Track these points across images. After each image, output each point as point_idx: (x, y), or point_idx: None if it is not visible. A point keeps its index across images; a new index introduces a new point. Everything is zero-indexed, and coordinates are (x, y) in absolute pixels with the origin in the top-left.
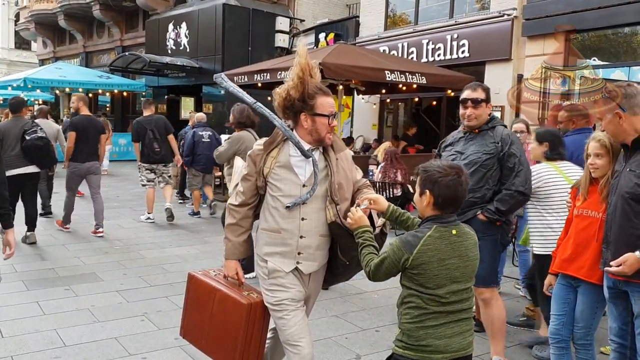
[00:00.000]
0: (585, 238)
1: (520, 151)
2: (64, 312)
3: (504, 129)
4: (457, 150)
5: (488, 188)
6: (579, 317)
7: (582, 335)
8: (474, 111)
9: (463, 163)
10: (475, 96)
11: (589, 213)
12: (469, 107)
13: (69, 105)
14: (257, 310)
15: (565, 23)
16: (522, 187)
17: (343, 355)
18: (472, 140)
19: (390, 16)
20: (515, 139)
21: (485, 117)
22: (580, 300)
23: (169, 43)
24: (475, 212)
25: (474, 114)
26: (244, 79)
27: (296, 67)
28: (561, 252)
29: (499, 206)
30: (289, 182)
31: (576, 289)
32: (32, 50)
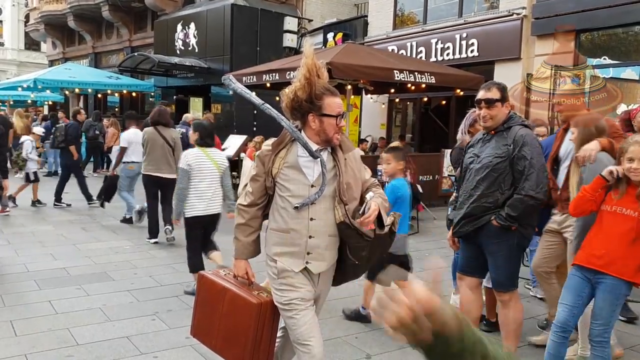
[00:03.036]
0: (619, 235)
1: (532, 153)
2: (76, 312)
3: (520, 129)
4: (475, 153)
5: (500, 192)
6: (597, 314)
7: (601, 332)
8: (488, 112)
9: (477, 167)
10: (489, 96)
11: (625, 211)
12: (483, 108)
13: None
14: (267, 309)
15: (574, 22)
16: (532, 191)
17: (353, 354)
18: (488, 142)
19: (398, 15)
20: (530, 140)
21: (501, 117)
22: (601, 297)
23: (177, 43)
24: (489, 217)
25: (489, 115)
26: (252, 79)
27: (303, 67)
28: (589, 246)
29: (510, 212)
30: (297, 182)
31: (593, 284)
32: (41, 51)
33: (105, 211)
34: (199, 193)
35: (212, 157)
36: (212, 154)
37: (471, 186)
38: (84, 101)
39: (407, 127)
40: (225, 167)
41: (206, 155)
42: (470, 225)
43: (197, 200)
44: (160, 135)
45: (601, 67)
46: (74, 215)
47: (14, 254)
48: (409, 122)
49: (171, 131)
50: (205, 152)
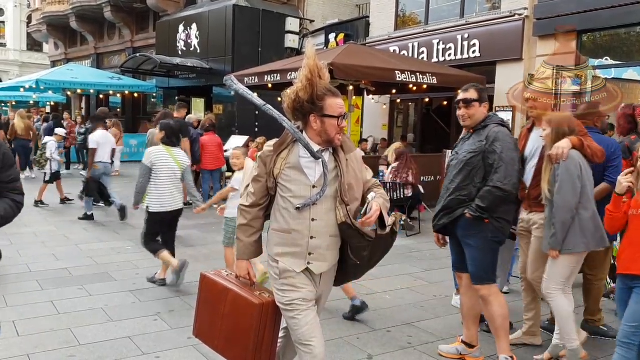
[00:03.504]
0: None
1: (503, 148)
2: (78, 312)
3: (495, 127)
4: (456, 151)
5: (474, 185)
6: (629, 317)
7: (630, 334)
8: (467, 111)
9: (454, 163)
10: (467, 97)
11: None
12: (462, 108)
13: (80, 107)
14: (268, 310)
15: (576, 23)
16: (499, 182)
17: (355, 355)
18: (468, 141)
19: (400, 16)
20: (502, 137)
21: (479, 117)
22: (635, 300)
23: (179, 44)
24: (462, 210)
25: (467, 114)
26: (254, 80)
27: (305, 68)
28: (624, 252)
29: (479, 202)
30: (299, 183)
31: (631, 289)
32: (44, 52)
33: (107, 212)
34: (162, 190)
35: (175, 156)
36: (176, 153)
37: (449, 181)
38: (86, 102)
39: (409, 128)
40: (187, 165)
41: (169, 154)
42: (447, 217)
43: (159, 196)
44: None
45: (603, 67)
46: (76, 215)
47: (17, 254)
48: (410, 123)
49: None
50: (169, 150)
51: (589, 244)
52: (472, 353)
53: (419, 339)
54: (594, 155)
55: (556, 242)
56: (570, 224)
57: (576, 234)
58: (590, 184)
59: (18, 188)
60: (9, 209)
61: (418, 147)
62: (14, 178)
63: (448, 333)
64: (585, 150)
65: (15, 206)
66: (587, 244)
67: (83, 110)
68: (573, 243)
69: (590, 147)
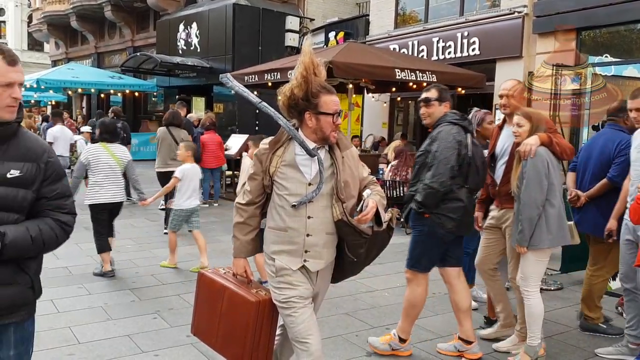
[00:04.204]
0: None
1: (439, 147)
2: (77, 310)
3: (443, 126)
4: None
5: (420, 182)
6: None
7: None
8: (426, 110)
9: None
10: (427, 95)
11: None
12: (422, 106)
13: (82, 106)
14: (265, 307)
15: (575, 20)
16: (428, 180)
17: (353, 352)
18: (426, 139)
19: (400, 14)
20: (442, 136)
21: (437, 115)
22: None
23: (179, 43)
24: (410, 204)
25: (426, 113)
26: (253, 79)
27: (300, 65)
28: None
29: (417, 198)
30: (294, 180)
31: None
32: (44, 51)
33: None
34: (98, 184)
35: (112, 152)
36: (113, 149)
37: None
38: (87, 101)
39: (409, 126)
40: (128, 160)
41: (106, 150)
42: (404, 211)
43: (96, 190)
44: (171, 134)
45: (603, 65)
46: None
47: None
48: (410, 121)
49: (180, 132)
50: (105, 147)
51: (553, 240)
52: (469, 349)
53: (418, 336)
54: (562, 152)
55: (523, 239)
56: (537, 220)
57: (542, 230)
58: (558, 180)
59: (65, 206)
60: (48, 230)
61: (418, 145)
62: (61, 193)
63: (446, 330)
64: (554, 147)
65: (58, 228)
66: (552, 240)
67: (84, 109)
68: (538, 239)
69: (558, 144)
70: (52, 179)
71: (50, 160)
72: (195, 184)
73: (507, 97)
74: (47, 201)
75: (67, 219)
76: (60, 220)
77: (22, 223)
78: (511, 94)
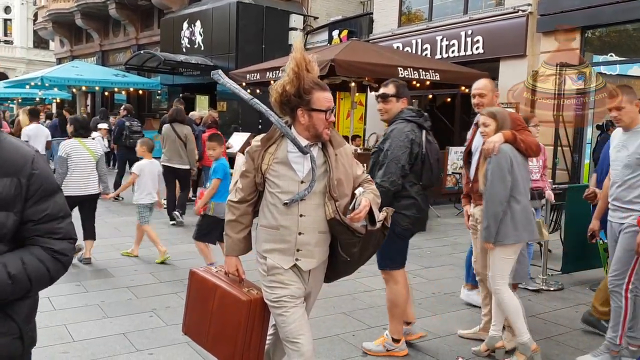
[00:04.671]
0: None
1: (390, 146)
2: (73, 308)
3: (398, 124)
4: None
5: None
6: None
7: None
8: (384, 106)
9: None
10: (384, 91)
11: None
12: (380, 102)
13: (86, 104)
14: (257, 307)
15: (580, 19)
16: (378, 179)
17: (350, 352)
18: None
19: (404, 13)
20: (394, 134)
21: (394, 112)
22: None
23: (183, 41)
24: None
25: (384, 109)
26: (256, 77)
27: (292, 61)
28: None
29: None
30: (287, 178)
31: None
32: (50, 49)
33: (108, 208)
34: (75, 176)
35: (87, 146)
36: (88, 144)
37: None
38: (92, 99)
39: None
40: (100, 154)
41: (82, 145)
42: None
43: (72, 182)
44: (175, 131)
45: (608, 64)
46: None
47: None
48: None
49: (184, 128)
50: (81, 142)
51: (519, 236)
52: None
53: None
54: (527, 149)
55: (489, 235)
56: (502, 216)
57: (507, 226)
58: (523, 177)
59: (59, 230)
60: (35, 264)
61: None
62: (52, 214)
63: (445, 330)
64: (518, 144)
65: (50, 259)
66: (517, 236)
67: (88, 107)
68: (504, 235)
69: (523, 141)
70: (39, 197)
71: (35, 172)
72: (154, 178)
73: (480, 97)
74: (34, 225)
75: (62, 247)
76: (53, 249)
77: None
78: (484, 93)
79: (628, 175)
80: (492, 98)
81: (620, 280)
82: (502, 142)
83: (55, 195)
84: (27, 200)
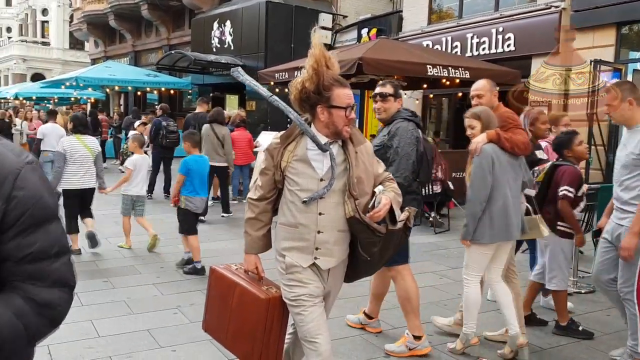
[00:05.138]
0: None
1: (399, 143)
2: (100, 304)
3: (399, 122)
4: None
5: None
6: None
7: None
8: (383, 105)
9: None
10: (383, 91)
11: None
12: (379, 101)
13: (119, 103)
14: (275, 305)
15: (615, 14)
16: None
17: (372, 353)
18: (378, 134)
19: (434, 10)
20: (401, 132)
21: (392, 111)
22: None
23: (213, 41)
24: None
25: (382, 107)
26: (284, 76)
27: (310, 58)
28: None
29: None
30: (306, 176)
31: None
32: (85, 50)
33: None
34: (72, 171)
35: (84, 142)
36: (86, 140)
37: None
38: (125, 99)
39: (442, 123)
40: (98, 150)
41: (79, 141)
42: None
43: (70, 176)
44: (213, 131)
45: None
46: (109, 209)
47: None
48: (443, 118)
49: (222, 128)
50: (79, 138)
51: (494, 236)
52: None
53: (439, 338)
54: (513, 147)
55: (467, 233)
56: (480, 215)
57: (484, 225)
58: (509, 176)
59: (48, 274)
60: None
61: (451, 143)
62: (42, 252)
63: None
64: (503, 143)
65: (30, 314)
66: (492, 235)
67: (121, 106)
68: (481, 234)
69: (508, 140)
70: (24, 227)
71: (18, 194)
72: (143, 173)
73: (478, 97)
74: (15, 265)
75: (51, 298)
76: (35, 300)
77: None
78: (481, 93)
79: (625, 175)
80: (490, 98)
81: (629, 288)
82: (484, 143)
83: (49, 225)
84: (6, 232)
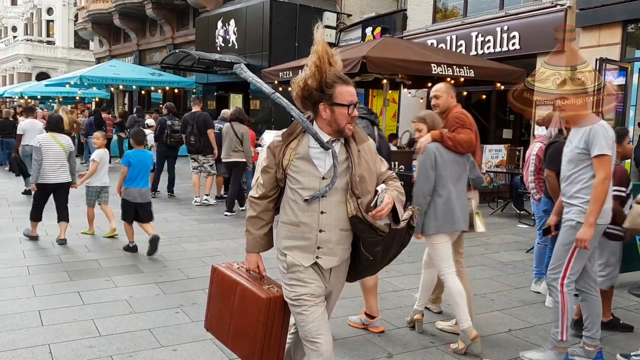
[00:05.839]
0: None
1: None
2: (102, 303)
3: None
4: None
5: None
6: None
7: None
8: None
9: None
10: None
11: None
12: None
13: (123, 102)
14: (276, 304)
15: (621, 12)
16: None
17: (375, 353)
18: None
19: (439, 9)
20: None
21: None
22: None
23: (218, 40)
24: None
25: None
26: (288, 75)
27: (313, 55)
28: None
29: None
30: (308, 174)
31: None
32: (89, 49)
33: None
34: (46, 166)
35: (59, 140)
36: (59, 138)
37: None
38: (129, 97)
39: None
40: (72, 148)
41: (53, 139)
42: None
43: (44, 171)
44: (233, 129)
45: None
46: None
47: (51, 246)
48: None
49: (242, 127)
50: (53, 136)
51: (439, 227)
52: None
53: (443, 338)
54: (456, 146)
55: (416, 226)
56: (426, 209)
57: (430, 218)
58: (452, 171)
59: None
60: None
61: None
62: None
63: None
64: (446, 142)
65: None
66: (437, 227)
67: (126, 105)
68: (427, 226)
69: (451, 139)
70: None
71: None
72: (105, 166)
73: (435, 98)
74: None
75: None
76: None
77: None
78: (438, 95)
79: (571, 170)
80: (447, 99)
81: (556, 275)
82: (428, 142)
83: None
84: None
